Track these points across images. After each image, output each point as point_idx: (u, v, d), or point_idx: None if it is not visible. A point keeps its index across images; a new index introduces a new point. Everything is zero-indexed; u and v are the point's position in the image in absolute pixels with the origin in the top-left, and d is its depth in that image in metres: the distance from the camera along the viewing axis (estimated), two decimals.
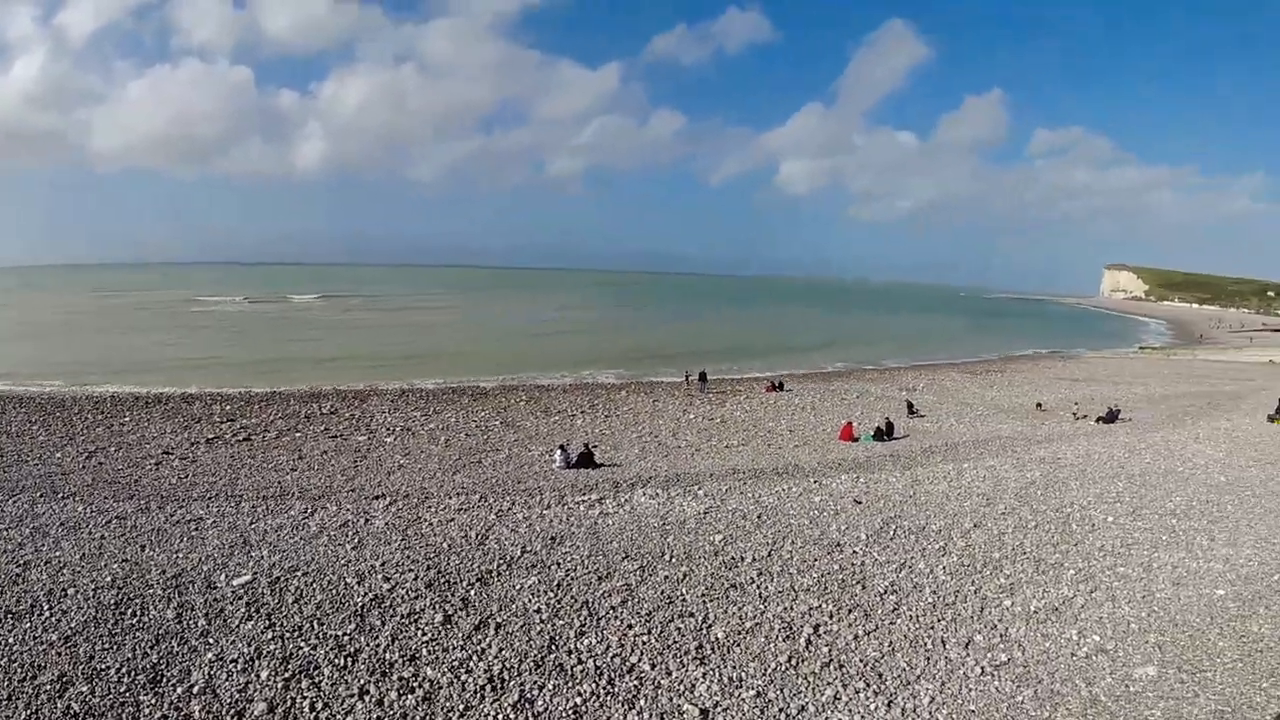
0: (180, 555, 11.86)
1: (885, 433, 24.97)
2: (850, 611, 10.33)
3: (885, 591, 11.04)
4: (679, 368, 41.68)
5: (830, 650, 9.27)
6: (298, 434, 23.94)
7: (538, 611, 9.93)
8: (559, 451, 20.24)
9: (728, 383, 38.51)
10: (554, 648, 9.04)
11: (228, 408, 27.86)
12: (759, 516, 14.38)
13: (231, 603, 9.99)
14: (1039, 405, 32.75)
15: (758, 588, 10.96)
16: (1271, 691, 8.19)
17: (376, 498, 15.83)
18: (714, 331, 79.70)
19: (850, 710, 8.14)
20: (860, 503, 15.55)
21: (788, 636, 9.56)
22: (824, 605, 10.47)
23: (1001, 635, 9.86)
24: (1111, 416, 28.90)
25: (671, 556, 12.02)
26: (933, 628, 9.99)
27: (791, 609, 10.32)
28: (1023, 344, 74.02)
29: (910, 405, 30.71)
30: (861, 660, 9.10)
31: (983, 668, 9.03)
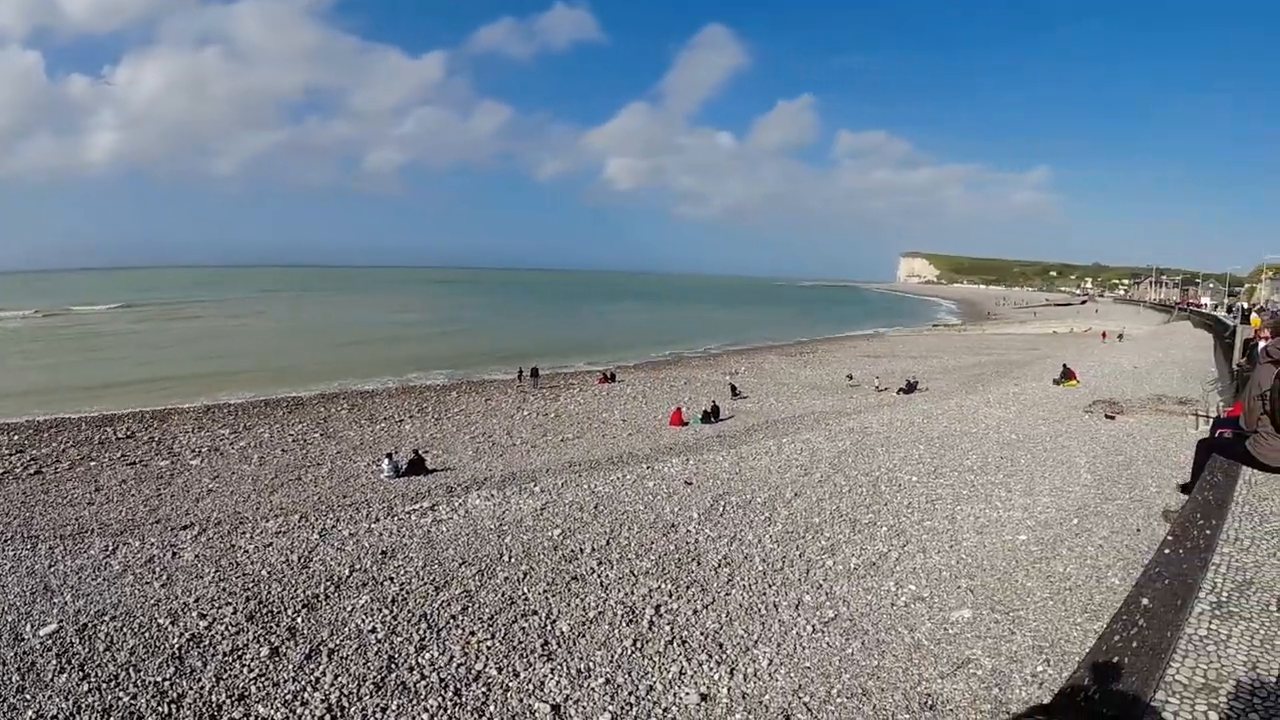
0: None
1: (712, 415, 26.00)
2: (688, 588, 10.69)
3: (719, 565, 11.51)
4: (510, 365, 41.28)
5: (672, 628, 9.55)
6: (93, 463, 21.61)
7: (373, 631, 9.54)
8: (386, 460, 19.50)
9: (561, 377, 38.67)
10: (394, 666, 8.73)
11: (15, 438, 24.66)
12: (595, 507, 14.56)
13: (41, 655, 8.93)
14: (849, 378, 35.25)
15: (598, 577, 11.10)
16: (1085, 625, 9.06)
17: (184, 528, 14.57)
18: (545, 327, 79.67)
19: (695, 682, 8.41)
20: (691, 483, 16.09)
21: (631, 620, 9.75)
22: (663, 585, 10.77)
23: (827, 593, 10.53)
24: (911, 387, 31.57)
25: (510, 557, 11.92)
26: (765, 594, 10.52)
27: (633, 593, 10.54)
28: (832, 326, 79.84)
29: (733, 388, 32.19)
30: (702, 633, 9.43)
31: (813, 625, 9.60)
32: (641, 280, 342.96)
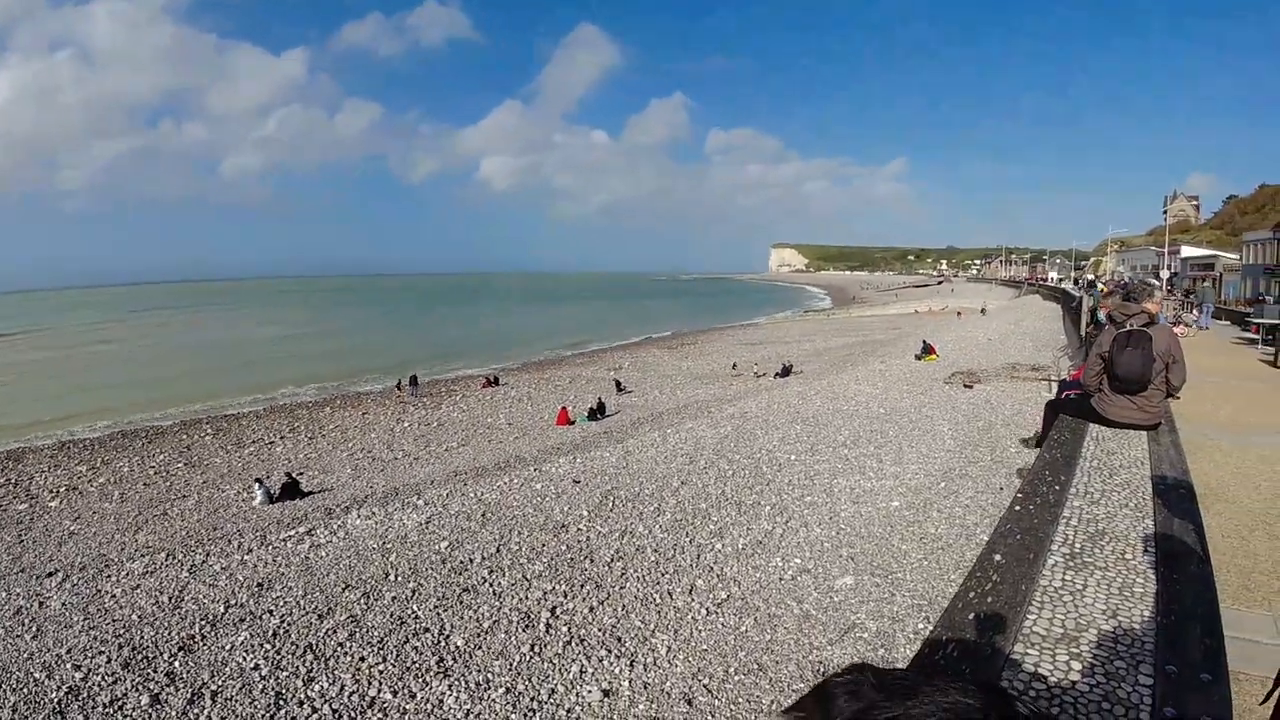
0: None
1: (598, 412, 26.07)
2: (583, 586, 10.70)
3: (612, 560, 11.58)
4: (387, 376, 40.00)
5: (569, 628, 9.55)
6: None
7: (255, 668, 9.07)
8: (257, 486, 18.49)
9: (442, 384, 37.72)
10: (283, 702, 8.34)
11: None
12: (483, 514, 14.33)
13: None
14: (734, 366, 36.04)
15: (490, 586, 10.96)
16: (959, 581, 9.62)
17: (49, 575, 13.39)
18: (423, 333, 77.37)
19: (597, 679, 8.45)
20: (579, 482, 16.08)
21: (527, 626, 9.68)
22: (557, 587, 10.74)
23: (718, 576, 10.78)
24: (786, 371, 32.66)
25: (397, 575, 11.59)
26: (658, 583, 10.67)
27: (527, 598, 10.46)
28: (710, 318, 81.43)
29: (618, 383, 32.37)
30: (600, 629, 9.47)
31: (707, 609, 9.81)
32: (522, 280, 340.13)
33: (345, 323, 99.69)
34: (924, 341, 34.64)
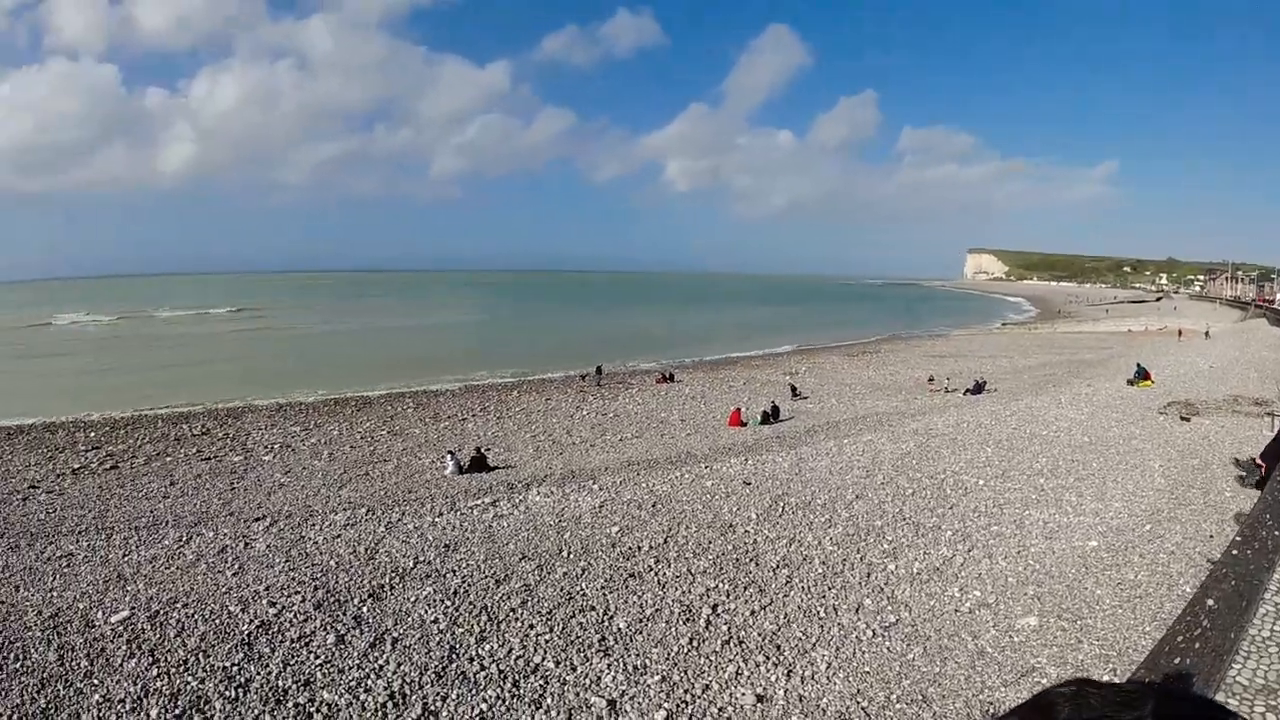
0: (55, 594, 11.02)
1: (771, 416, 25.77)
2: (746, 588, 10.62)
3: (778, 566, 11.40)
4: (569, 365, 41.60)
5: (729, 628, 9.51)
6: (168, 458, 22.51)
7: (435, 622, 9.73)
8: (449, 457, 19.84)
9: (619, 376, 38.76)
10: (455, 656, 8.89)
11: (92, 434, 25.93)
12: (654, 505, 14.56)
13: (112, 641, 9.35)
14: (931, 379, 34.26)
15: (656, 575, 11.11)
16: (1154, 634, 8.70)
17: (256, 520, 15.08)
18: (602, 327, 79.87)
19: (752, 683, 8.37)
20: (750, 484, 15.97)
21: (688, 619, 9.74)
22: (720, 585, 10.72)
23: (889, 598, 10.36)
24: (979, 388, 30.78)
25: (569, 553, 12.01)
26: (824, 596, 10.39)
27: (690, 592, 10.52)
28: (895, 325, 78.00)
29: (794, 388, 31.84)
30: (759, 634, 9.37)
31: (874, 630, 9.46)
32: (699, 280, 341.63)
33: (533, 315, 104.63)
34: (1138, 365, 31.45)
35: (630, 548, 12.19)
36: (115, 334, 75.71)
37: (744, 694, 8.19)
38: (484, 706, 8.00)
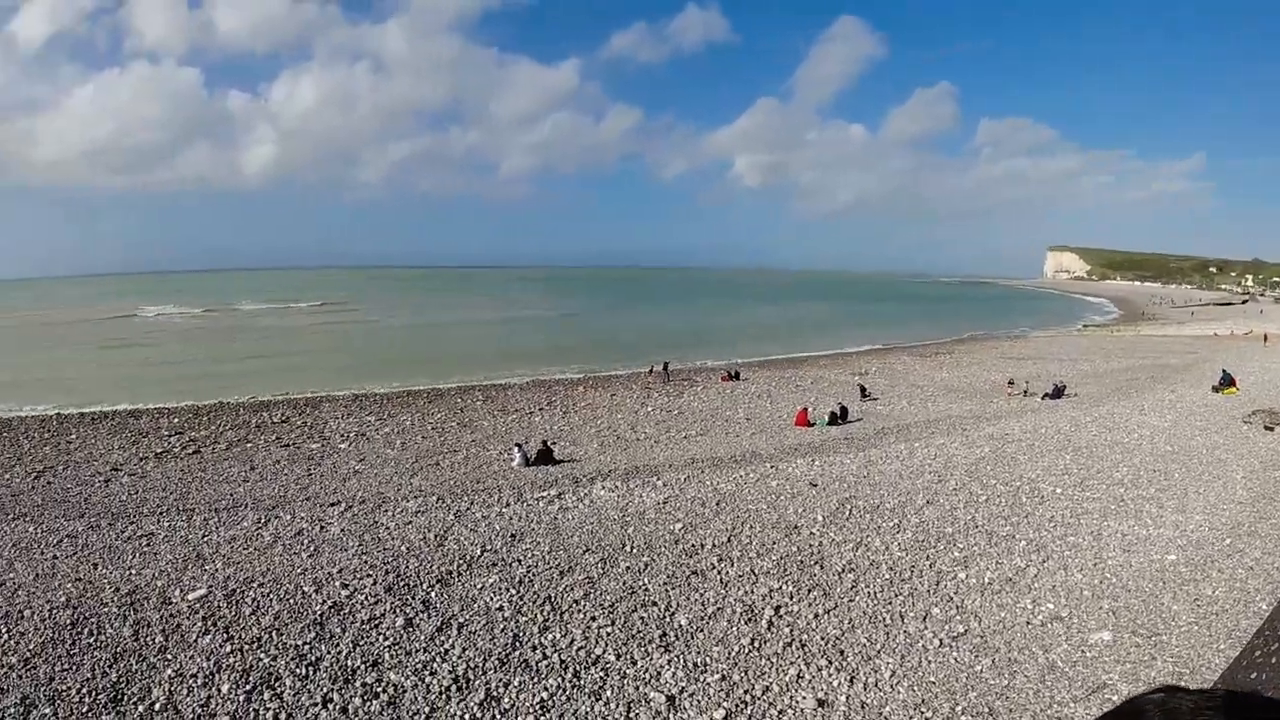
0: (133, 572, 11.58)
1: (839, 416, 25.37)
2: (810, 591, 10.50)
3: (843, 570, 11.23)
4: (634, 362, 41.74)
5: (792, 630, 9.41)
6: (249, 444, 23.43)
7: (500, 609, 9.89)
8: (517, 449, 20.14)
9: (683, 374, 38.69)
10: (518, 644, 9.03)
11: (175, 420, 27.19)
12: (717, 503, 14.50)
13: (188, 617, 9.77)
14: (1010, 383, 33.08)
15: (718, 573, 11.06)
16: (1229, 653, 8.41)
17: (332, 504, 15.58)
18: (668, 324, 79.78)
19: (813, 687, 8.27)
20: (816, 485, 15.77)
21: (750, 619, 9.68)
22: (784, 587, 10.61)
23: (958, 607, 10.10)
24: (1057, 392, 29.72)
25: (632, 547, 12.06)
26: (890, 603, 10.20)
27: (752, 592, 10.45)
28: (970, 326, 75.66)
29: (863, 389, 31.25)
30: (823, 638, 9.25)
31: (941, 639, 9.24)
32: (766, 277, 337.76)
33: (600, 311, 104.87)
34: (1224, 371, 29.90)
35: (693, 545, 12.17)
36: (200, 326, 79.17)
37: (805, 698, 8.10)
38: (545, 695, 8.10)
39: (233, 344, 60.05)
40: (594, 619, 9.62)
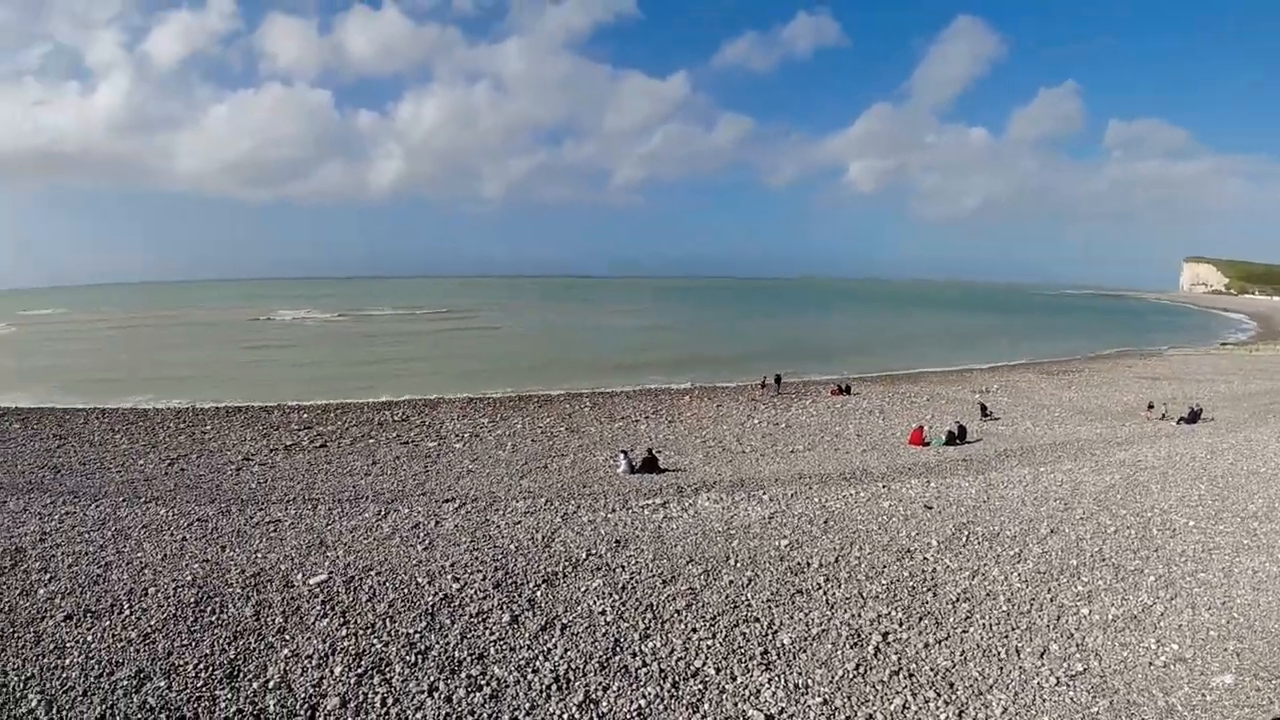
0: (259, 555, 12.37)
1: (957, 436, 24.35)
2: (921, 619, 10.13)
3: (957, 599, 10.79)
4: (742, 372, 41.38)
5: (899, 658, 9.11)
6: (371, 440, 24.59)
7: (603, 613, 10.02)
8: (623, 456, 20.32)
9: (791, 387, 38.02)
10: (619, 649, 9.11)
11: (305, 416, 28.86)
12: (826, 521, 14.21)
13: (308, 601, 10.35)
14: (1150, 406, 30.89)
15: (824, 594, 10.83)
16: None
17: (446, 501, 16.20)
18: (775, 335, 78.62)
19: (920, 719, 7.99)
20: (931, 508, 15.22)
21: (855, 644, 9.43)
22: (893, 612, 10.29)
23: (1078, 644, 9.55)
24: (1193, 416, 27.65)
25: (736, 561, 11.97)
26: (1006, 636, 9.73)
27: (859, 616, 10.18)
28: (1100, 342, 70.76)
29: (983, 407, 29.82)
30: (932, 669, 8.91)
31: (1058, 678, 8.76)
32: (880, 287, 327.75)
33: (708, 321, 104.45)
34: None
35: (799, 563, 11.96)
36: (331, 329, 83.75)
37: None
38: (642, 702, 8.13)
39: (360, 347, 63.50)
40: (695, 630, 9.60)
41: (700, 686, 8.43)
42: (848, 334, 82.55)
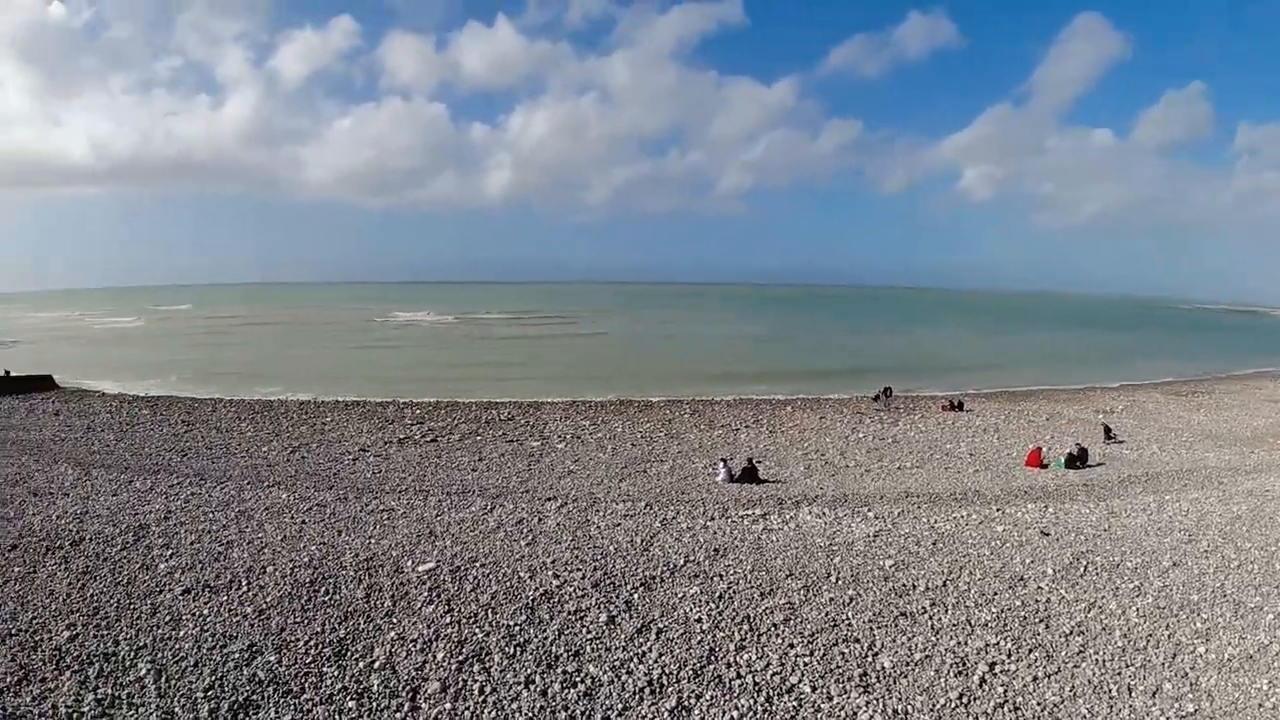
0: (372, 541, 12.98)
1: (1078, 459, 23.09)
2: (1031, 651, 9.67)
3: (1071, 632, 10.24)
4: (846, 385, 40.56)
5: (1006, 691, 8.72)
6: (478, 438, 25.41)
7: (699, 621, 10.01)
8: (722, 465, 20.25)
9: (900, 400, 36.93)
10: (713, 659, 9.08)
11: (417, 412, 30.10)
12: (934, 543, 13.73)
13: (416, 587, 10.79)
14: None
15: (930, 618, 10.47)
16: None
17: (549, 499, 16.56)
18: (882, 346, 76.43)
19: None
20: (1048, 535, 14.49)
21: (960, 672, 9.08)
22: (1002, 642, 9.85)
23: (1191, 684, 8.93)
24: None
25: (838, 578, 11.72)
26: (1120, 673, 9.17)
27: (966, 644, 9.79)
28: (1232, 361, 65.45)
29: (1107, 429, 28.15)
30: (1039, 703, 8.50)
31: (1168, 718, 8.23)
32: (996, 299, 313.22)
33: (813, 330, 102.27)
34: None
35: (904, 585, 11.61)
36: (442, 331, 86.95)
37: None
38: (735, 714, 8.08)
39: (469, 348, 65.82)
40: (792, 646, 9.46)
41: (795, 703, 8.31)
42: (960, 347, 79.29)
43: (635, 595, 10.75)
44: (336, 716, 7.85)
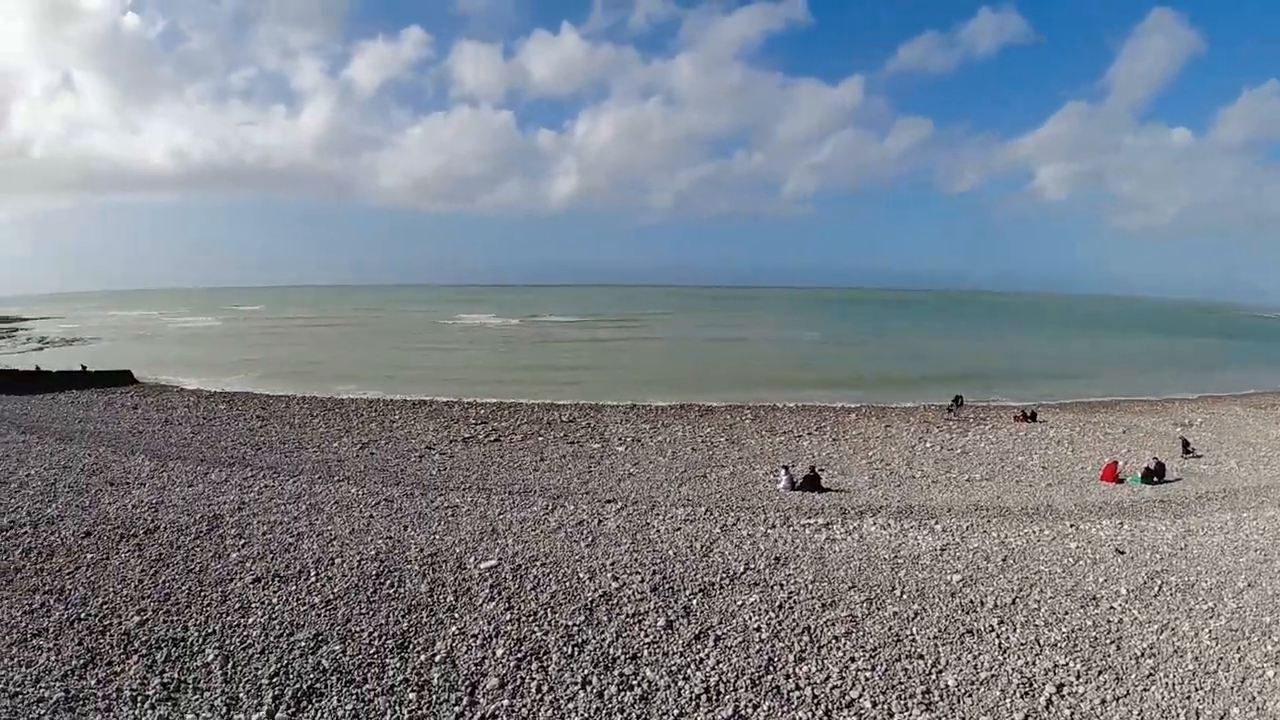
0: (437, 537, 13.26)
1: (1155, 474, 22.19)
2: (1100, 674, 9.32)
3: (1142, 655, 9.83)
4: (913, 393, 39.79)
5: (1073, 713, 8.42)
6: (540, 438, 25.75)
7: (758, 630, 9.92)
8: (783, 472, 20.04)
9: (970, 410, 36.03)
10: (771, 669, 8.98)
11: (481, 412, 30.72)
12: (1004, 559, 13.36)
13: (478, 583, 10.98)
14: None
15: (997, 636, 10.18)
16: None
17: (609, 501, 16.65)
18: (951, 353, 74.29)
19: None
20: (1123, 553, 13.96)
21: (1026, 693, 8.80)
22: (1071, 664, 9.51)
23: (1259, 709, 8.48)
24: None
25: (903, 592, 11.48)
26: (1189, 697, 8.77)
27: (1034, 664, 9.49)
28: None
29: (1185, 443, 26.96)
30: None
31: None
32: (1070, 302, 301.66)
33: (880, 335, 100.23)
34: None
35: (972, 601, 11.31)
36: (506, 334, 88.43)
37: None
38: None
39: (533, 351, 66.69)
40: (853, 659, 9.30)
41: (854, 719, 8.17)
42: (1032, 354, 76.25)
43: (694, 601, 10.72)
44: (397, 707, 8.00)
